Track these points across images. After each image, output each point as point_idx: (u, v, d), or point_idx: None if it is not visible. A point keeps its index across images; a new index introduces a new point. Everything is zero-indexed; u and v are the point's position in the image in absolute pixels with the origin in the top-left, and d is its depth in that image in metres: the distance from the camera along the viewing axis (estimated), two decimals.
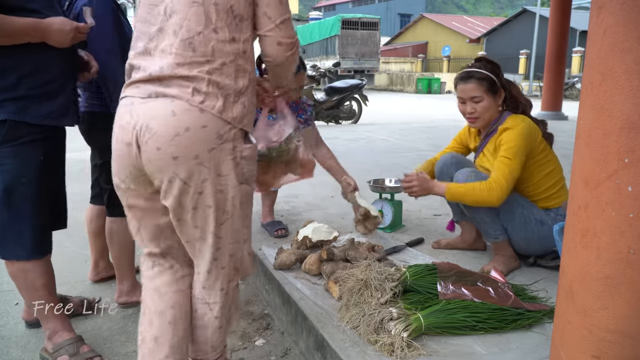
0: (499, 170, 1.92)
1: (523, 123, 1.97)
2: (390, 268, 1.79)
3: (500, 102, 2.04)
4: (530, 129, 1.97)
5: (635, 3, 0.88)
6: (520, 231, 2.02)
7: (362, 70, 21.56)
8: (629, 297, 0.96)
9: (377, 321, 1.54)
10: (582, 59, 20.78)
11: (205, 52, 1.19)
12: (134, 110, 1.20)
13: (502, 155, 1.94)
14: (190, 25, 1.18)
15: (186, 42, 1.19)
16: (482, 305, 1.65)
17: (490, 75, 1.98)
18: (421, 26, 36.76)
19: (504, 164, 1.92)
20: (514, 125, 1.96)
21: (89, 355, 1.78)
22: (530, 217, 2.01)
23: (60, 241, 3.00)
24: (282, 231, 2.60)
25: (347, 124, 8.93)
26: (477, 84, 1.99)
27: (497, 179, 1.90)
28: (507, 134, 1.95)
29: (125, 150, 1.23)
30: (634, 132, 0.91)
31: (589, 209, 1.00)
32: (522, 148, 1.93)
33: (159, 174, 1.21)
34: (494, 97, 2.01)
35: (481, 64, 2.03)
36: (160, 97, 1.19)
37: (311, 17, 27.90)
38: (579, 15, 20.59)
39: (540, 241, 2.03)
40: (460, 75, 2.06)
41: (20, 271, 1.71)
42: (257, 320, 2.11)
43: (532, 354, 1.49)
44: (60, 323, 1.81)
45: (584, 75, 1.02)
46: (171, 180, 1.21)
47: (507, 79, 2.08)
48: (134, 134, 1.20)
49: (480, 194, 1.91)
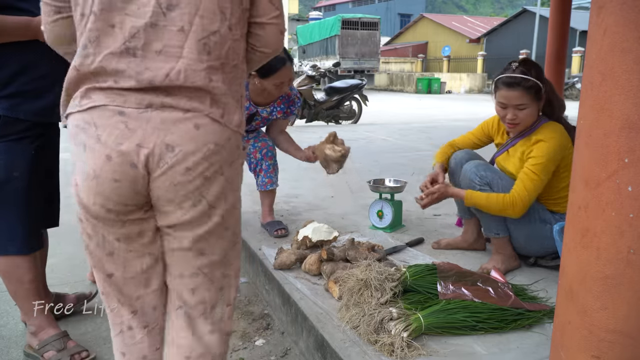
0: (524, 185, 1.89)
1: (557, 135, 1.91)
2: (390, 268, 1.79)
3: (541, 107, 1.99)
4: (561, 142, 1.91)
5: (635, 3, 0.88)
6: (523, 228, 2.02)
7: (362, 70, 21.57)
8: (629, 297, 0.96)
9: (377, 321, 1.54)
10: (582, 59, 20.78)
11: (220, 55, 1.02)
12: (131, 124, 0.96)
13: (529, 169, 1.89)
14: (204, 22, 0.99)
15: (201, 43, 0.98)
16: (482, 305, 1.65)
17: (537, 83, 1.90)
18: (421, 26, 36.76)
19: (530, 179, 1.88)
20: (547, 139, 1.90)
21: (76, 350, 1.78)
22: (534, 215, 2.00)
23: (59, 241, 3.01)
24: (282, 231, 2.60)
25: (347, 124, 8.93)
26: (524, 92, 1.89)
27: (521, 194, 1.88)
28: (539, 148, 1.90)
29: (126, 172, 0.97)
30: (634, 132, 0.91)
31: (589, 209, 1.00)
32: (551, 164, 1.90)
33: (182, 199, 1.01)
34: (538, 103, 1.95)
35: (526, 69, 1.91)
36: (166, 108, 0.98)
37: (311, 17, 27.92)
38: (579, 15, 20.59)
39: (541, 241, 2.02)
40: (504, 80, 1.93)
41: (8, 266, 1.72)
42: (257, 320, 2.11)
43: (532, 354, 1.49)
44: (45, 319, 1.81)
45: (584, 75, 1.02)
46: (195, 204, 1.03)
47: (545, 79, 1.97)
48: (142, 153, 0.96)
49: (504, 207, 1.90)
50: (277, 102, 2.58)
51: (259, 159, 2.66)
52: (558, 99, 2.02)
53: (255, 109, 2.53)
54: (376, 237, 2.52)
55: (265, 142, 2.68)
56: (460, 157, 2.21)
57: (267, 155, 2.66)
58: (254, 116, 2.56)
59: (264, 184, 2.67)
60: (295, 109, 2.67)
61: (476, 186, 2.00)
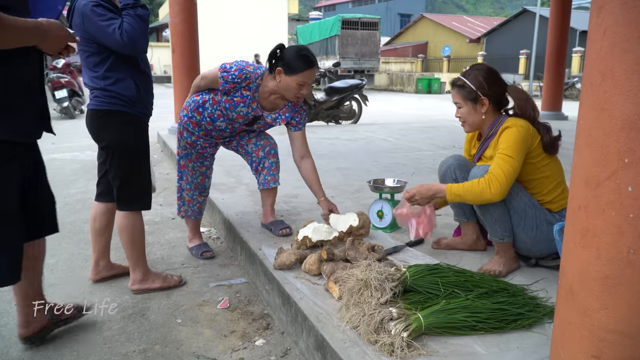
0: (498, 165, 1.92)
1: (519, 122, 1.99)
2: (390, 268, 1.79)
3: (484, 110, 2.07)
4: (527, 127, 1.98)
5: (635, 3, 0.88)
6: (531, 231, 2.01)
7: (362, 70, 21.56)
8: (629, 297, 0.96)
9: (377, 321, 1.54)
10: (582, 59, 20.78)
11: None
12: None
13: (501, 152, 1.94)
14: None
15: None
16: (482, 305, 1.65)
17: (469, 85, 2.05)
18: (421, 26, 36.74)
19: (503, 160, 1.92)
20: (511, 125, 1.98)
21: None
22: (541, 217, 2.01)
23: (59, 241, 3.01)
24: (287, 230, 2.60)
25: (347, 124, 8.93)
26: (457, 91, 2.10)
27: (496, 173, 1.91)
28: (505, 134, 1.97)
29: None
30: (634, 132, 0.91)
31: (589, 209, 1.00)
32: (521, 146, 1.94)
33: None
34: (473, 104, 2.07)
35: (467, 72, 2.10)
36: None
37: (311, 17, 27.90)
38: (579, 15, 20.59)
39: (548, 243, 2.02)
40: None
41: None
42: (257, 320, 2.11)
43: (532, 354, 1.49)
44: None
45: (584, 75, 1.02)
46: None
47: (514, 86, 2.12)
48: None
49: (480, 189, 1.91)
50: (282, 110, 2.57)
51: (261, 157, 2.66)
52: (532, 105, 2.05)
53: (261, 112, 2.53)
54: (376, 237, 2.52)
55: (267, 140, 2.68)
56: (450, 163, 2.25)
57: (270, 153, 2.66)
58: (257, 119, 2.56)
59: (267, 182, 2.66)
60: (301, 120, 2.61)
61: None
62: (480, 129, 2.15)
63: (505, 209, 2.00)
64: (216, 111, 2.48)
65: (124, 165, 2.19)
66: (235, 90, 2.41)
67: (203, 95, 2.50)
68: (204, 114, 2.49)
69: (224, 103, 2.44)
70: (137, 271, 2.33)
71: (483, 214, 2.06)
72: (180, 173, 2.70)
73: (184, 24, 6.20)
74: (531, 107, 2.05)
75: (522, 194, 2.01)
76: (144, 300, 2.30)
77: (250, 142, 2.67)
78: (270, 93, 2.45)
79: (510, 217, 2.02)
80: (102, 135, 2.19)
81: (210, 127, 2.53)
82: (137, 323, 2.10)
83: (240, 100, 2.43)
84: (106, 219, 2.40)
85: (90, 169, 5.01)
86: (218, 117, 2.49)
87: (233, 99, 2.43)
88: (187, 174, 2.67)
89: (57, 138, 7.31)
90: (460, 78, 2.09)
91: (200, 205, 2.76)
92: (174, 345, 1.92)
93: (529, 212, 2.00)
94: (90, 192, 2.51)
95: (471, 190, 1.94)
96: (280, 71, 2.35)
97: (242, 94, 2.42)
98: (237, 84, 2.39)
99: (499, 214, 2.01)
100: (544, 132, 2.02)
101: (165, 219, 3.52)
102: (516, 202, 1.98)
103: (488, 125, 2.10)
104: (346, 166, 4.62)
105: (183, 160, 2.65)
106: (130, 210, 2.26)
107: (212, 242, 3.06)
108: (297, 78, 2.34)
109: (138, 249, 2.31)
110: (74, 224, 3.37)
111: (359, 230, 2.37)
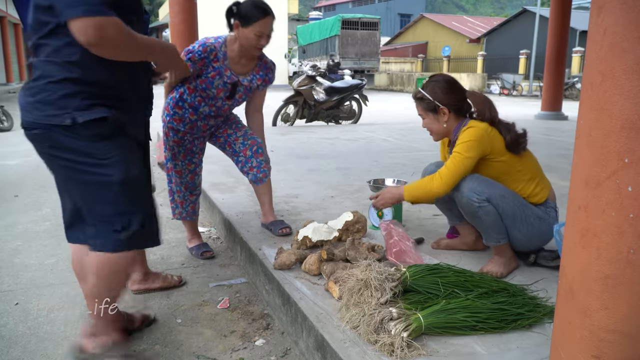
0: (446, 164, 2.03)
1: (477, 123, 2.06)
2: (390, 268, 1.79)
3: (445, 119, 2.12)
4: (485, 131, 2.04)
5: (635, 3, 0.88)
6: (523, 229, 2.04)
7: (362, 70, 21.56)
8: (629, 297, 0.96)
9: (377, 321, 1.54)
10: (582, 59, 20.77)
11: None
12: None
13: (454, 150, 2.04)
14: None
15: None
16: (482, 305, 1.65)
17: (427, 97, 2.12)
18: (421, 26, 36.74)
19: (452, 157, 2.03)
20: (470, 126, 2.06)
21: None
22: (529, 214, 2.04)
23: (59, 241, 3.01)
24: (287, 230, 2.60)
25: (347, 124, 8.93)
26: (418, 103, 2.19)
27: (442, 170, 2.03)
28: (464, 133, 2.05)
29: None
30: (634, 132, 0.91)
31: (589, 209, 1.00)
32: (474, 144, 2.00)
33: None
34: (434, 115, 2.14)
35: (425, 84, 2.17)
36: None
37: (311, 17, 27.94)
38: (579, 15, 20.59)
39: (541, 237, 2.07)
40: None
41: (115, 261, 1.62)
42: (257, 320, 2.11)
43: (532, 354, 1.49)
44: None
45: (584, 75, 1.02)
46: None
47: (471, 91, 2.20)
48: None
49: (428, 186, 2.05)
50: (255, 69, 2.58)
51: (249, 156, 2.66)
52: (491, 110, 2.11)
53: (237, 77, 2.53)
54: (376, 237, 2.52)
55: (254, 139, 2.67)
56: (431, 170, 2.31)
57: (258, 152, 2.66)
58: (236, 86, 2.55)
59: (259, 179, 2.67)
60: (272, 76, 2.67)
61: (475, 203, 1.99)
62: (447, 136, 2.21)
63: (496, 214, 2.00)
64: (196, 98, 2.48)
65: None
66: (206, 67, 2.42)
67: (177, 89, 2.51)
68: (185, 106, 2.50)
69: (201, 85, 2.45)
70: (137, 271, 2.34)
71: (474, 221, 2.08)
72: (169, 176, 2.71)
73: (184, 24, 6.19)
74: (489, 109, 2.13)
75: (509, 195, 2.02)
76: (143, 300, 2.30)
77: (237, 140, 2.67)
78: (240, 56, 2.46)
79: (502, 220, 2.03)
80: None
81: (194, 118, 2.54)
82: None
83: (215, 73, 2.44)
84: None
85: None
86: (200, 103, 2.50)
87: (207, 77, 2.44)
88: (174, 176, 2.68)
89: None
90: (420, 91, 2.17)
91: (194, 205, 2.76)
92: (174, 345, 1.92)
93: (518, 212, 2.03)
94: None
95: (421, 188, 2.07)
96: (237, 24, 2.37)
97: (213, 67, 2.43)
98: (205, 59, 2.40)
99: (490, 221, 2.01)
100: (505, 132, 2.08)
101: (165, 219, 3.52)
102: (505, 205, 2.00)
103: (453, 130, 2.16)
104: (346, 166, 4.62)
105: (170, 163, 2.65)
106: None
107: (212, 242, 3.06)
108: (254, 28, 2.35)
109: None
110: None
111: (355, 225, 2.39)
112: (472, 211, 2.01)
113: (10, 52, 20.18)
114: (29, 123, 1.54)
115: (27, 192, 4.23)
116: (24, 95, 1.55)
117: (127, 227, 1.58)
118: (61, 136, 1.51)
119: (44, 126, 1.51)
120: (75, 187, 1.60)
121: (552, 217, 2.09)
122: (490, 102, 2.14)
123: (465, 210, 2.06)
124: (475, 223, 2.08)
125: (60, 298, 2.31)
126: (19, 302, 2.26)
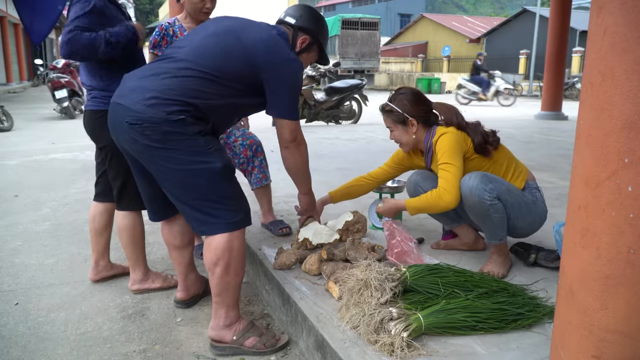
0: (442, 178, 2.03)
1: (446, 129, 2.11)
2: (390, 268, 1.79)
3: (414, 130, 2.15)
4: (458, 134, 2.09)
5: (635, 3, 0.89)
6: (527, 216, 2.07)
7: (362, 70, 21.56)
8: (628, 297, 0.96)
9: (377, 321, 1.54)
10: (582, 59, 20.77)
11: None
12: None
13: (441, 162, 2.05)
14: None
15: None
16: (482, 305, 1.65)
17: (396, 109, 2.15)
18: (421, 26, 36.74)
19: (444, 169, 2.03)
20: (442, 133, 2.09)
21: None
22: (526, 200, 2.07)
23: (59, 241, 3.01)
24: (286, 229, 2.61)
25: (347, 124, 8.92)
26: (386, 116, 2.21)
27: (443, 185, 2.01)
28: (439, 143, 2.08)
29: None
30: (634, 132, 0.91)
31: (589, 209, 1.00)
32: (455, 148, 2.04)
33: None
34: (403, 126, 2.17)
35: (393, 97, 2.20)
36: None
37: None
38: (579, 15, 20.58)
39: (539, 219, 2.11)
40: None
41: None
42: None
43: (532, 354, 1.49)
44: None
45: (584, 75, 1.02)
46: None
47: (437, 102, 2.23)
48: None
49: (435, 202, 2.03)
50: None
51: (249, 156, 2.65)
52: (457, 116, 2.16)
53: None
54: (376, 237, 2.52)
55: (253, 139, 2.67)
56: (414, 179, 2.35)
57: (258, 152, 2.66)
58: None
59: (259, 180, 2.67)
60: None
61: (487, 202, 1.98)
62: (417, 146, 2.23)
63: (504, 211, 2.00)
64: None
65: (123, 166, 2.19)
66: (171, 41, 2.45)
67: None
68: None
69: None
70: (137, 271, 2.34)
71: (482, 220, 2.04)
72: None
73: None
74: (455, 115, 2.17)
75: (511, 187, 2.05)
76: (144, 300, 2.30)
77: (237, 141, 2.66)
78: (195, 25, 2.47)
79: (507, 214, 2.03)
80: (101, 135, 2.19)
81: None
82: (137, 323, 2.10)
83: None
84: (105, 219, 2.40)
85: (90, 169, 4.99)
86: None
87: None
88: None
89: (57, 138, 7.33)
90: (388, 104, 2.19)
91: None
92: (174, 345, 1.92)
93: (521, 202, 2.06)
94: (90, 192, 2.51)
95: (427, 203, 2.06)
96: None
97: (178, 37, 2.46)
98: (166, 36, 2.45)
99: (499, 218, 2.00)
100: (473, 134, 2.12)
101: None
102: (512, 198, 2.02)
103: (422, 140, 2.19)
104: (346, 166, 4.62)
105: None
106: (130, 210, 2.27)
107: None
108: None
109: (138, 249, 2.32)
110: (73, 224, 3.37)
111: (355, 225, 2.39)
112: (483, 210, 1.97)
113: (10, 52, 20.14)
114: (141, 119, 1.65)
115: (27, 192, 4.22)
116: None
117: (239, 208, 1.77)
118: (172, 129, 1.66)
119: (158, 120, 1.64)
120: (181, 178, 1.70)
121: (539, 197, 2.13)
122: (456, 110, 2.20)
123: (475, 211, 2.01)
124: (482, 222, 2.06)
125: (60, 298, 2.31)
126: (19, 302, 2.26)
